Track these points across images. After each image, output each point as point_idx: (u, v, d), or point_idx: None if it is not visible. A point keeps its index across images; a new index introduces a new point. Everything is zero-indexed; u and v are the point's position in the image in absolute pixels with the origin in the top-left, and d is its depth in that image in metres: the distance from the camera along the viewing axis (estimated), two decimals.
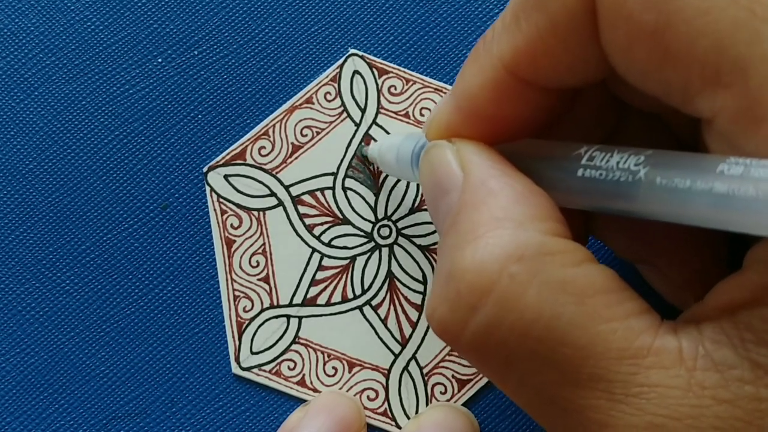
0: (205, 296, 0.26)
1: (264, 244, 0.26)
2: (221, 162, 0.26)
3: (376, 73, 0.26)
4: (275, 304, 0.26)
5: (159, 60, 0.26)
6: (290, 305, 0.26)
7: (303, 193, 0.26)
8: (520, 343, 0.14)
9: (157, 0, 0.27)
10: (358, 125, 0.26)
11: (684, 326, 0.14)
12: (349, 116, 0.26)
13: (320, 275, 0.26)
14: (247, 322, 0.26)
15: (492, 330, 0.14)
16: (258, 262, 0.26)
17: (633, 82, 0.15)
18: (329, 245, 0.26)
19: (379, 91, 0.26)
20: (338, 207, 0.26)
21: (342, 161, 0.26)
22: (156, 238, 0.26)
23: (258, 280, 0.26)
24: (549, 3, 0.15)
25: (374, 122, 0.26)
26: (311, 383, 0.25)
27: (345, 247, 0.26)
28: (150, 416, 0.25)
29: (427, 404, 0.25)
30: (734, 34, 0.13)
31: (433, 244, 0.26)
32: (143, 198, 0.26)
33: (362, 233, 0.26)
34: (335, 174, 0.26)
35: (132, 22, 0.27)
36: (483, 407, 0.25)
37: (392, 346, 0.26)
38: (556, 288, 0.14)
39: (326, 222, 0.26)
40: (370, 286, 0.26)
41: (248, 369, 0.25)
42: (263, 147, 0.26)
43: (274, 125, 0.26)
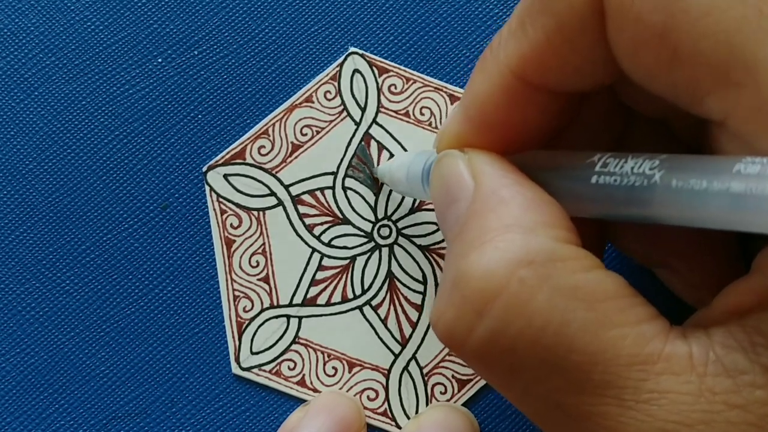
0: (205, 296, 0.26)
1: (264, 244, 0.26)
2: (221, 161, 0.26)
3: (377, 72, 0.26)
4: (275, 304, 0.26)
5: (159, 60, 0.26)
6: (290, 305, 0.26)
7: (303, 193, 0.26)
8: (528, 350, 0.14)
9: (157, 0, 0.27)
10: (358, 124, 0.26)
11: (693, 331, 0.14)
12: (349, 115, 0.26)
13: (320, 275, 0.26)
14: (247, 322, 0.26)
15: (498, 336, 0.14)
16: (258, 262, 0.26)
17: (641, 84, 0.15)
18: (329, 245, 0.26)
19: (380, 90, 0.26)
20: (338, 207, 0.26)
21: (342, 161, 0.26)
22: (156, 238, 0.26)
23: (258, 280, 0.26)
24: (555, 5, 0.15)
25: (374, 121, 0.26)
26: (311, 383, 0.25)
27: (345, 247, 0.26)
28: (150, 416, 0.25)
29: (427, 404, 0.25)
30: (743, 33, 0.13)
31: (434, 244, 0.26)
32: (143, 198, 0.26)
33: (362, 233, 0.26)
34: (335, 173, 0.26)
35: (132, 22, 0.27)
36: (483, 407, 0.25)
37: (392, 346, 0.25)
38: (567, 294, 0.14)
39: (326, 222, 0.26)
40: (370, 286, 0.26)
41: (248, 369, 0.25)
42: (263, 146, 0.26)
43: (274, 124, 0.26)
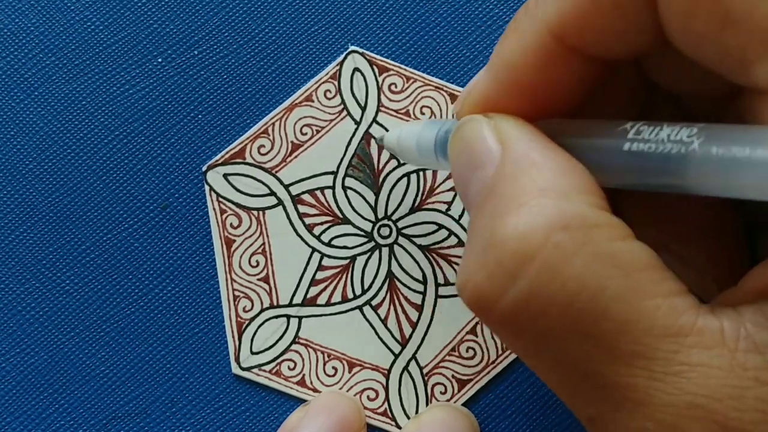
0: (205, 296, 0.26)
1: (264, 244, 0.26)
2: (220, 161, 0.26)
3: (377, 71, 0.26)
4: (275, 304, 0.26)
5: (159, 60, 0.26)
6: (290, 305, 0.26)
7: (303, 193, 0.26)
8: (561, 315, 0.14)
9: (157, 0, 0.27)
10: (359, 123, 0.26)
11: (722, 309, 0.14)
12: (349, 114, 0.26)
13: (320, 275, 0.26)
14: (247, 322, 0.26)
15: (532, 299, 0.14)
16: (258, 262, 0.26)
17: (687, 51, 0.14)
18: (329, 245, 0.26)
19: (380, 89, 0.26)
20: (338, 206, 0.26)
21: (342, 160, 0.26)
22: (156, 238, 0.26)
23: (258, 280, 0.26)
24: None
25: (374, 120, 0.26)
26: (311, 383, 0.25)
27: (345, 247, 0.26)
28: (150, 416, 0.25)
29: (427, 404, 0.25)
30: None
31: (433, 244, 0.26)
32: (143, 198, 0.26)
33: (362, 233, 0.26)
34: (335, 173, 0.26)
35: (132, 22, 0.27)
36: (483, 407, 0.25)
37: (392, 346, 0.25)
38: (604, 260, 0.14)
39: (326, 221, 0.26)
40: (370, 286, 0.26)
41: (248, 369, 0.25)
42: (263, 146, 0.26)
43: (274, 123, 0.26)
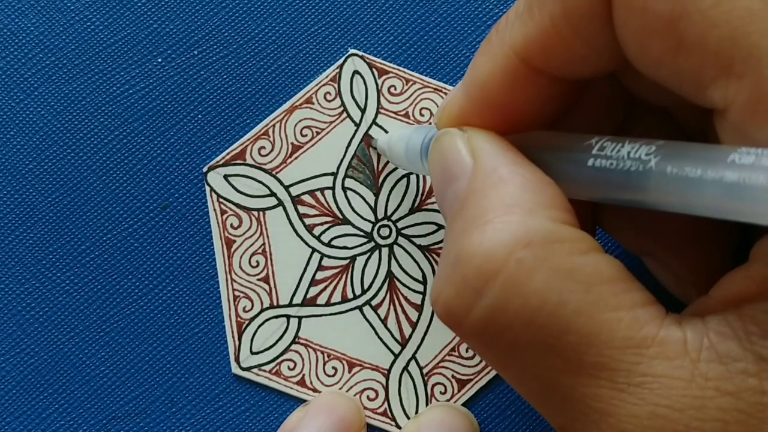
0: (205, 296, 0.26)
1: (264, 244, 0.26)
2: (221, 162, 0.26)
3: (376, 73, 0.26)
4: (275, 304, 0.26)
5: (159, 60, 0.26)
6: (290, 305, 0.26)
7: (303, 193, 0.26)
8: (525, 329, 0.14)
9: (157, 0, 0.27)
10: (358, 125, 0.26)
11: (689, 318, 0.14)
12: (349, 116, 0.26)
13: (320, 275, 0.26)
14: (247, 322, 0.26)
15: (497, 315, 0.14)
16: (258, 262, 0.26)
17: (646, 72, 0.15)
18: (329, 245, 0.26)
19: (379, 91, 0.26)
20: (338, 207, 0.26)
21: (342, 161, 0.26)
22: (156, 238, 0.26)
23: (258, 280, 0.26)
24: None
25: (374, 122, 0.26)
26: (311, 383, 0.25)
27: (345, 247, 0.26)
28: (150, 416, 0.25)
29: (427, 404, 0.25)
30: (748, 25, 0.13)
31: (433, 244, 0.26)
32: (143, 198, 0.26)
33: (362, 233, 0.26)
34: (335, 174, 0.26)
35: (132, 22, 0.27)
36: (483, 407, 0.25)
37: (392, 346, 0.26)
38: (563, 275, 0.14)
39: (326, 222, 0.26)
40: (370, 286, 0.26)
41: (248, 369, 0.25)
42: (263, 147, 0.26)
43: (274, 125, 0.26)
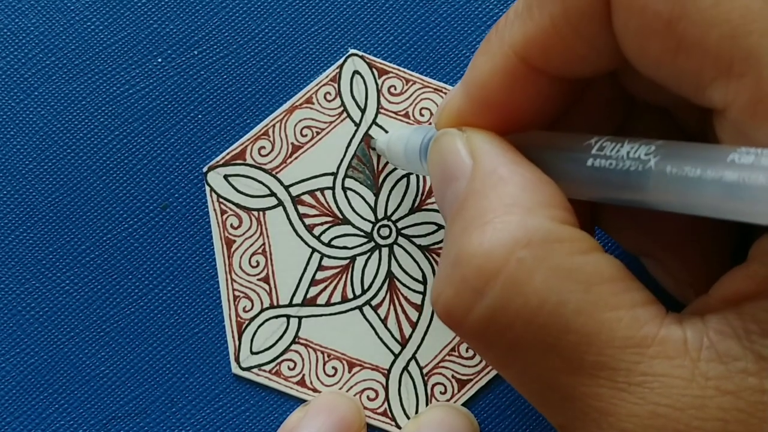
0: (205, 296, 0.26)
1: (264, 244, 0.26)
2: (221, 162, 0.26)
3: (376, 73, 0.26)
4: (275, 304, 0.26)
5: (159, 60, 0.26)
6: (290, 305, 0.26)
7: (303, 193, 0.26)
8: (525, 329, 0.14)
9: (157, 0, 0.27)
10: (358, 125, 0.26)
11: (689, 317, 0.14)
12: (349, 116, 0.26)
13: (320, 275, 0.26)
14: (247, 322, 0.26)
15: (497, 315, 0.14)
16: (258, 262, 0.26)
17: (645, 72, 0.15)
18: (329, 245, 0.26)
19: (379, 91, 0.26)
20: (338, 207, 0.26)
21: (342, 161, 0.26)
22: (156, 238, 0.26)
23: (258, 280, 0.26)
24: None
25: (374, 122, 0.26)
26: (311, 383, 0.25)
27: (345, 247, 0.26)
28: (150, 416, 0.25)
29: (427, 404, 0.25)
30: (748, 24, 0.13)
31: (433, 244, 0.26)
32: (143, 198, 0.26)
33: (362, 233, 0.26)
34: (335, 174, 0.26)
35: (132, 22, 0.27)
36: (483, 407, 0.25)
37: (392, 346, 0.26)
38: (563, 275, 0.14)
39: (326, 222, 0.26)
40: (370, 286, 0.26)
41: (248, 369, 0.25)
42: (263, 147, 0.26)
43: (274, 125, 0.26)
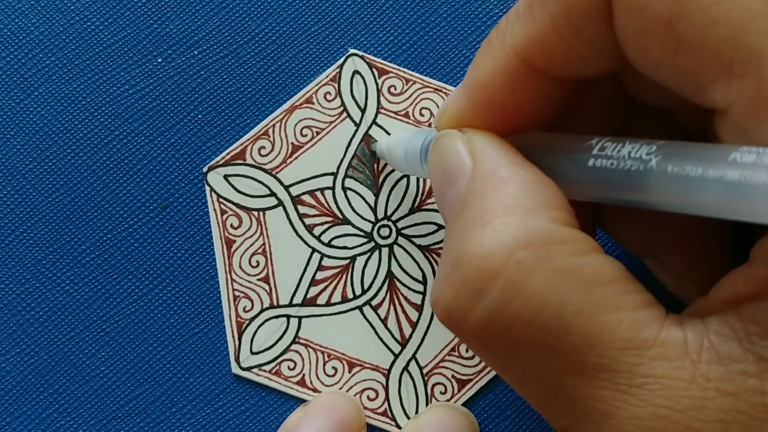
0: (205, 296, 0.26)
1: (264, 244, 0.26)
2: (221, 162, 0.26)
3: (376, 73, 0.26)
4: (275, 304, 0.26)
5: (159, 60, 0.26)
6: (290, 305, 0.26)
7: (303, 193, 0.26)
8: (525, 330, 0.14)
9: (157, 0, 0.27)
10: (358, 125, 0.26)
11: (689, 319, 0.14)
12: (349, 116, 0.26)
13: (320, 275, 0.26)
14: (247, 322, 0.26)
15: (497, 316, 0.14)
16: (258, 262, 0.26)
17: (646, 72, 0.15)
18: (329, 245, 0.26)
19: (379, 91, 0.26)
20: (338, 207, 0.26)
21: (342, 161, 0.26)
22: (156, 238, 0.26)
23: (258, 280, 0.26)
24: None
25: (374, 122, 0.26)
26: (311, 383, 0.25)
27: (345, 247, 0.26)
28: (150, 416, 0.25)
29: (427, 404, 0.25)
30: (748, 24, 0.13)
31: (433, 244, 0.26)
32: (143, 198, 0.26)
33: (362, 233, 0.26)
34: (335, 174, 0.26)
35: (132, 22, 0.27)
36: (483, 407, 0.25)
37: (392, 346, 0.26)
38: (564, 276, 0.14)
39: (326, 222, 0.26)
40: (370, 286, 0.26)
41: (248, 369, 0.25)
42: (263, 147, 0.26)
43: (274, 125, 0.26)
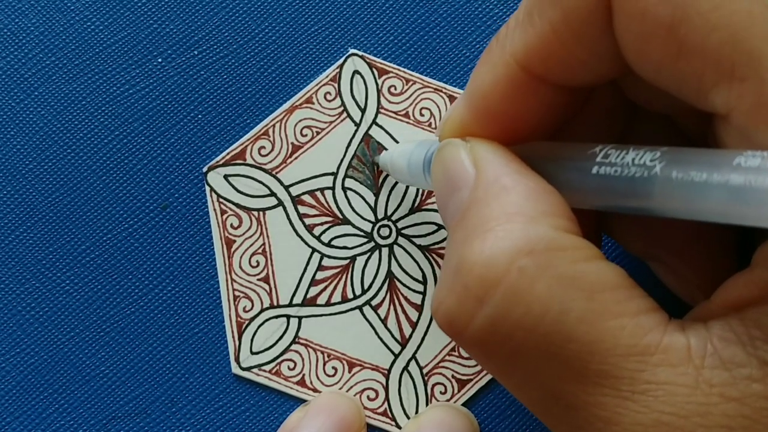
0: (205, 296, 0.26)
1: (264, 244, 0.26)
2: (221, 162, 0.26)
3: (376, 73, 0.26)
4: (275, 304, 0.26)
5: (159, 60, 0.26)
6: (290, 305, 0.26)
7: (303, 193, 0.26)
8: (527, 338, 0.14)
9: (157, 0, 0.27)
10: (358, 125, 0.26)
11: (692, 324, 0.14)
12: (349, 116, 0.26)
13: (320, 275, 0.26)
14: (247, 322, 0.26)
15: (498, 323, 0.14)
16: (258, 262, 0.26)
17: (647, 77, 0.15)
18: (329, 245, 0.26)
19: (379, 91, 0.26)
20: (338, 207, 0.26)
21: (342, 161, 0.26)
22: (156, 238, 0.26)
23: (258, 280, 0.26)
24: None
25: (374, 122, 0.26)
26: (311, 383, 0.25)
27: (345, 247, 0.26)
28: (150, 416, 0.25)
29: (427, 404, 0.25)
30: (749, 28, 0.13)
31: (433, 244, 0.26)
32: (143, 198, 0.26)
33: (362, 233, 0.26)
34: (335, 174, 0.26)
35: (132, 22, 0.27)
36: (483, 407, 0.25)
37: (392, 346, 0.26)
38: (566, 283, 0.14)
39: (326, 222, 0.26)
40: (370, 286, 0.26)
41: (248, 369, 0.25)
42: (263, 147, 0.26)
43: (274, 125, 0.26)
